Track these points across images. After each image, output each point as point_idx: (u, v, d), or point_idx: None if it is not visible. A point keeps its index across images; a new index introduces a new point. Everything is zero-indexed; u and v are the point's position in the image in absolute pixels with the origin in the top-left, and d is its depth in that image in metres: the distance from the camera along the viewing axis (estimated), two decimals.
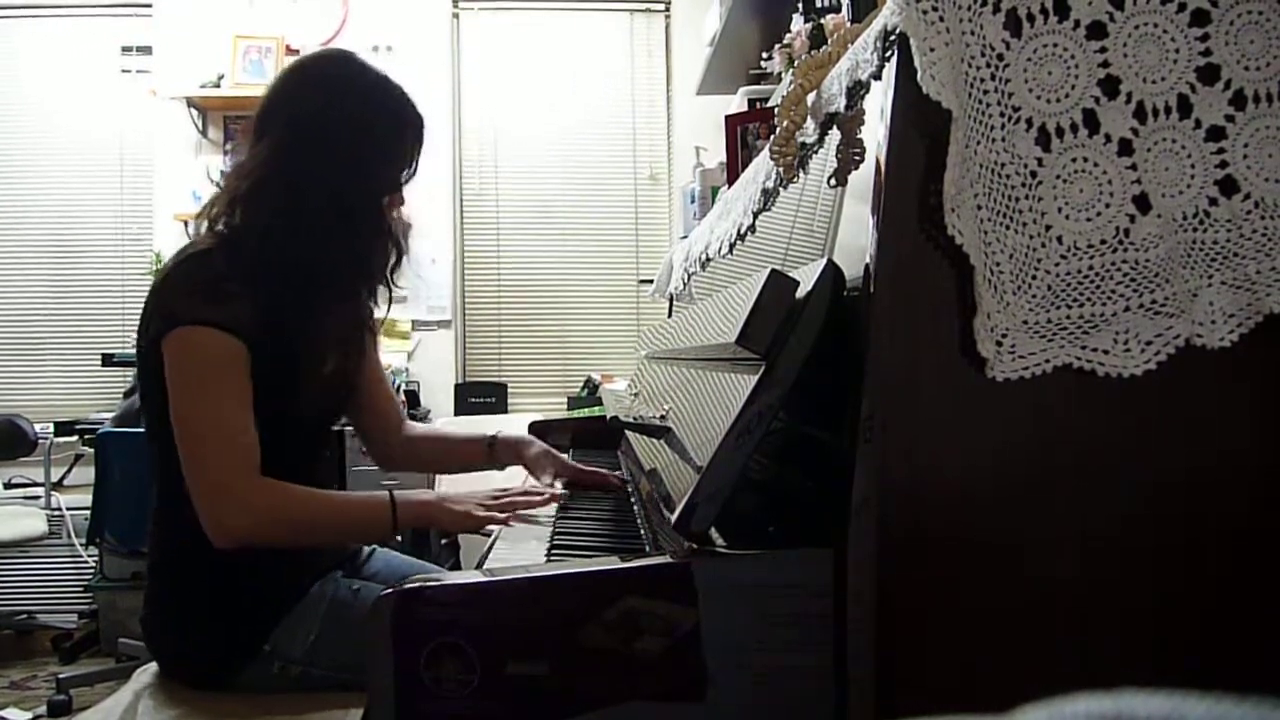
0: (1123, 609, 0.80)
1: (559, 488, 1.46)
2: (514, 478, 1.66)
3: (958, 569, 0.78)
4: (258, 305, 1.24)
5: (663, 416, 1.26)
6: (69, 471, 3.72)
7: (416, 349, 3.99)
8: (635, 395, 1.84)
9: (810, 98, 0.93)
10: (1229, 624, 0.80)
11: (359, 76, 1.35)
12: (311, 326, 1.33)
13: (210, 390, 1.20)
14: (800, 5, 2.28)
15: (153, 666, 1.35)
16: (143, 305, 1.31)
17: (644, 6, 4.18)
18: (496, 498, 1.33)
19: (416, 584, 0.84)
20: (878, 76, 0.79)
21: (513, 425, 2.72)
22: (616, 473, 1.57)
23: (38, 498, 3.52)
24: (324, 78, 1.35)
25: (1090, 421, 0.79)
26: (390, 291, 1.46)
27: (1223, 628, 0.80)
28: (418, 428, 1.72)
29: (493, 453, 1.62)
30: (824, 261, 0.85)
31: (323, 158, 1.29)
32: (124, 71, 4.05)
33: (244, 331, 1.22)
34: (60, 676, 2.92)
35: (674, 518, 0.86)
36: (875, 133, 0.83)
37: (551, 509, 1.36)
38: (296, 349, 1.30)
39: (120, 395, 3.56)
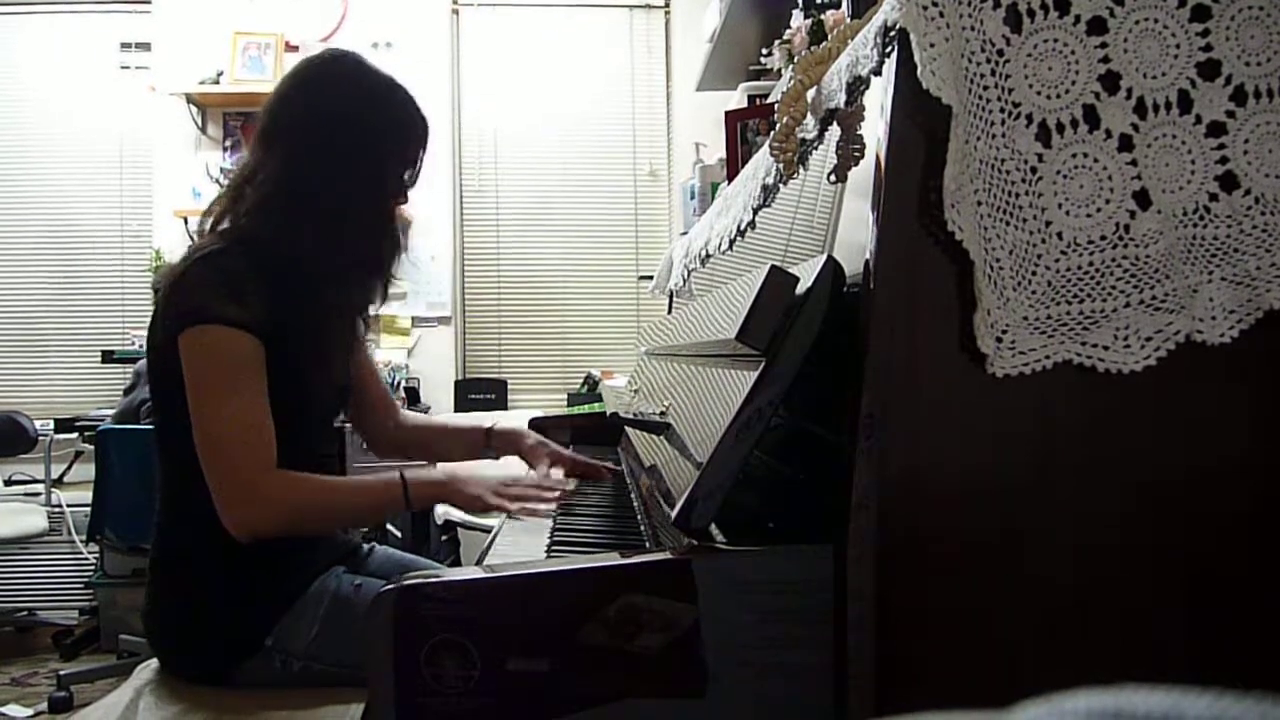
0: (1122, 605, 0.80)
1: (557, 475, 1.48)
2: (507, 469, 1.67)
3: (957, 565, 0.79)
4: (272, 304, 1.26)
5: (663, 413, 1.26)
6: (69, 468, 3.72)
7: (416, 345, 3.99)
8: (635, 391, 1.84)
9: (810, 94, 0.92)
10: (1229, 620, 0.80)
11: (365, 78, 1.37)
12: (321, 325, 1.36)
13: (229, 387, 1.21)
14: (800, 1, 2.28)
15: (153, 663, 1.35)
16: (154, 305, 1.33)
17: (644, 3, 4.18)
18: (509, 485, 1.32)
19: (417, 580, 0.84)
20: (878, 72, 0.79)
21: (512, 422, 2.72)
22: (608, 461, 1.59)
23: (38, 494, 3.53)
24: (331, 78, 1.36)
25: (1090, 417, 0.79)
26: (388, 287, 1.47)
27: (1222, 624, 0.80)
28: (413, 416, 1.77)
29: (489, 441, 1.67)
30: (824, 258, 0.85)
31: (330, 159, 1.31)
32: (123, 68, 4.05)
33: (261, 330, 1.24)
34: (61, 673, 2.92)
35: (674, 514, 0.86)
36: (875, 128, 0.82)
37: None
38: (306, 347, 1.32)
39: (120, 392, 3.56)
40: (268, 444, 1.21)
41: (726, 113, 1.90)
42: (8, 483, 3.71)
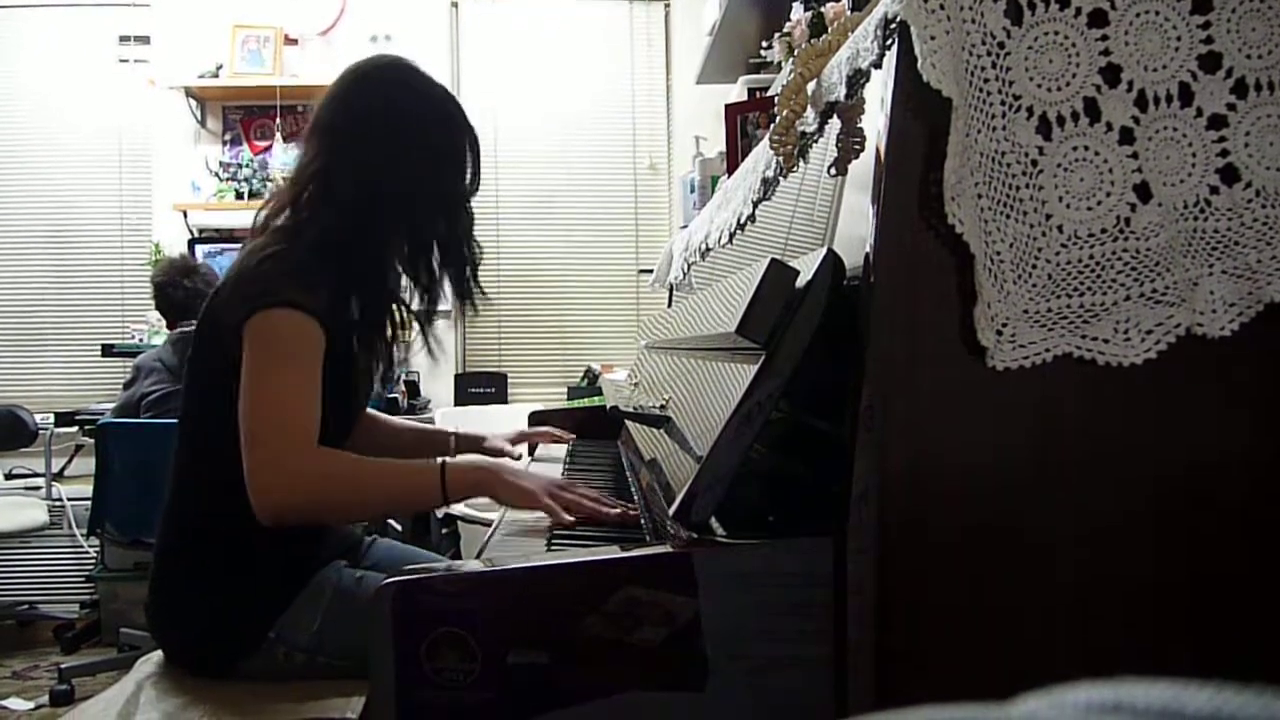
0: (1123, 598, 0.80)
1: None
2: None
3: (957, 558, 0.79)
4: (335, 298, 1.28)
5: (663, 406, 1.26)
6: (69, 462, 3.72)
7: (416, 339, 3.99)
8: (635, 385, 1.84)
9: (810, 86, 0.92)
10: (1230, 613, 0.80)
11: (421, 80, 1.41)
12: (378, 324, 1.41)
13: (290, 370, 1.22)
14: None
15: (155, 656, 1.36)
16: (202, 301, 1.36)
17: None
18: (563, 487, 1.25)
19: (417, 573, 0.84)
20: (878, 65, 0.79)
21: (512, 415, 2.72)
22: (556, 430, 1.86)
23: (39, 488, 3.53)
24: (384, 80, 1.39)
25: (1090, 410, 0.79)
26: (474, 300, 1.55)
27: (1224, 617, 0.80)
28: (379, 415, 1.80)
29: (453, 443, 1.76)
30: (824, 251, 0.85)
31: (386, 154, 1.33)
32: (122, 61, 4.04)
33: (325, 320, 1.25)
34: (62, 666, 2.93)
35: (674, 507, 0.86)
36: (875, 121, 0.82)
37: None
38: (360, 347, 1.36)
39: (120, 386, 3.56)
40: (308, 425, 1.20)
41: (726, 106, 1.90)
42: (8, 476, 3.72)
